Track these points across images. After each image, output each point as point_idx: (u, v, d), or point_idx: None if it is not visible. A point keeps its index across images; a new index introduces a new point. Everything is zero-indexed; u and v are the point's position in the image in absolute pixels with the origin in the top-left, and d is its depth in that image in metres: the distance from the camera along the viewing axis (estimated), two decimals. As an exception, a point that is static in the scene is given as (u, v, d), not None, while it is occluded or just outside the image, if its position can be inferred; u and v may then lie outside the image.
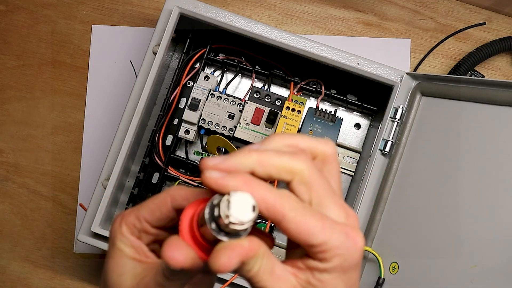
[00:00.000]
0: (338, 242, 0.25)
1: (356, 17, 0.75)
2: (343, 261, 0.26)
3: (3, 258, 0.74)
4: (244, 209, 0.24)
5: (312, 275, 0.26)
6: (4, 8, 0.77)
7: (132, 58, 0.75)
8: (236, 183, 0.24)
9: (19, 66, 0.76)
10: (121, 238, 0.29)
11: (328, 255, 0.25)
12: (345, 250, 0.26)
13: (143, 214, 0.29)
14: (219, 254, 0.24)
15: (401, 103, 0.61)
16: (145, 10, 0.76)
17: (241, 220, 0.23)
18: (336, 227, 0.25)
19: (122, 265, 0.29)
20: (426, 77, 0.60)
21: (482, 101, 0.53)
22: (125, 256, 0.29)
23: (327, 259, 0.25)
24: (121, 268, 0.29)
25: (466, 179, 0.52)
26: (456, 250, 0.50)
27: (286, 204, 0.25)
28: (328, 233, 0.25)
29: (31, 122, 0.75)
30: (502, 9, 0.74)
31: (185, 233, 0.26)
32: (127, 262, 0.29)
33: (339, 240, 0.25)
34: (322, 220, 0.25)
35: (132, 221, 0.29)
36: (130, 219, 0.29)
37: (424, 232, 0.54)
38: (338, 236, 0.25)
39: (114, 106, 0.75)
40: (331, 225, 0.25)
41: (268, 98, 0.68)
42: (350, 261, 0.26)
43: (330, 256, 0.25)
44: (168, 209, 0.28)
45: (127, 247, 0.29)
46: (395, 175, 0.59)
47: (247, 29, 0.61)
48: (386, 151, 0.61)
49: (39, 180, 0.75)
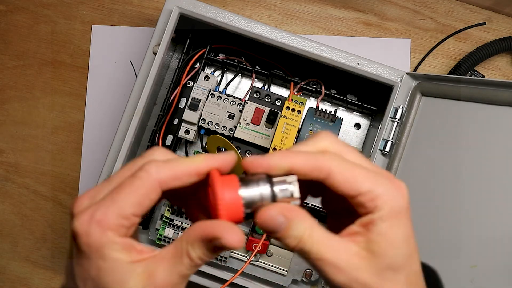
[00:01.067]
0: (384, 187, 0.27)
1: (356, 17, 0.75)
2: (393, 205, 0.27)
3: (3, 258, 0.74)
4: (297, 187, 0.28)
5: (370, 232, 0.27)
6: (4, 8, 0.77)
7: (132, 58, 0.75)
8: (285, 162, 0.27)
9: (19, 66, 0.76)
10: (111, 245, 0.26)
11: (379, 202, 0.27)
12: (392, 194, 0.27)
13: (129, 209, 0.26)
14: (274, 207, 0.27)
15: (401, 103, 0.61)
16: (145, 10, 0.76)
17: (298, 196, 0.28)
18: (379, 174, 0.28)
19: (122, 273, 0.26)
20: (426, 77, 0.60)
21: (482, 101, 0.53)
22: (122, 263, 0.26)
23: (378, 206, 0.27)
24: (122, 276, 0.26)
25: (466, 179, 0.52)
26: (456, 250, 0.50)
27: (329, 161, 0.27)
28: (374, 180, 0.27)
29: (31, 122, 0.75)
30: (502, 9, 0.74)
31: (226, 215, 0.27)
32: (126, 268, 0.26)
33: (385, 185, 0.27)
34: (366, 169, 0.28)
35: (116, 222, 0.26)
36: (112, 220, 0.26)
37: (424, 232, 0.54)
38: (383, 182, 0.28)
39: (114, 106, 0.75)
40: (374, 173, 0.28)
41: (268, 98, 0.68)
42: (400, 205, 0.27)
43: (381, 202, 0.27)
44: (158, 194, 0.27)
45: (121, 253, 0.26)
46: (395, 175, 0.59)
47: (247, 29, 0.61)
48: (386, 151, 0.61)
49: (39, 180, 0.75)
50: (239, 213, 0.27)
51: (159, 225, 0.67)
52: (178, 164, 0.28)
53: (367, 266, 0.27)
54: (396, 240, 0.27)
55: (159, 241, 0.67)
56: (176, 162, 0.28)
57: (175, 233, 0.66)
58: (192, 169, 0.28)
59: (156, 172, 0.27)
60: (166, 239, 0.66)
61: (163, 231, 0.67)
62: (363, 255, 0.27)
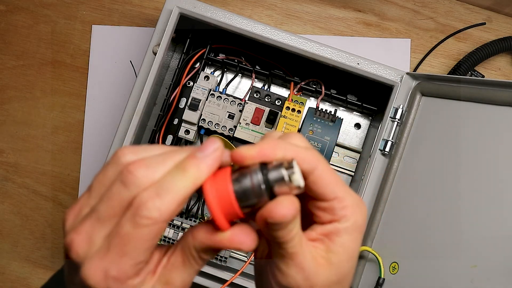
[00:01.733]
0: (354, 199, 0.28)
1: (356, 17, 0.75)
2: (357, 219, 0.28)
3: (3, 258, 0.74)
4: (300, 175, 0.26)
5: (332, 242, 0.28)
6: (4, 8, 0.77)
7: (132, 58, 0.75)
8: (279, 151, 0.27)
9: (19, 66, 0.76)
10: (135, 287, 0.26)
11: (348, 211, 0.27)
12: (359, 208, 0.28)
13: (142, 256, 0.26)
14: (282, 201, 0.26)
15: (401, 103, 0.61)
16: (145, 10, 0.76)
17: (301, 183, 0.26)
18: (351, 190, 0.28)
19: None
20: (426, 77, 0.60)
21: (482, 101, 0.53)
22: None
23: (347, 216, 0.27)
24: None
25: (466, 179, 0.52)
26: (456, 250, 0.50)
27: (317, 157, 0.27)
28: (347, 190, 0.28)
29: (31, 122, 0.75)
30: (502, 9, 0.74)
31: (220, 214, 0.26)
32: None
33: (355, 197, 0.28)
34: (343, 181, 0.28)
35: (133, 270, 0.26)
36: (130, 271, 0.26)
37: (424, 232, 0.54)
38: (353, 194, 0.28)
39: (114, 106, 0.75)
40: (348, 188, 0.28)
41: (268, 98, 0.68)
42: (362, 220, 0.28)
43: (349, 213, 0.27)
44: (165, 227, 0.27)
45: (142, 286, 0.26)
46: (395, 175, 0.59)
47: (247, 29, 0.61)
48: (386, 151, 0.61)
49: (39, 180, 0.75)
50: (233, 209, 0.26)
51: (159, 225, 0.67)
52: (176, 190, 0.25)
53: (323, 275, 0.27)
54: (353, 254, 0.28)
55: (159, 241, 0.67)
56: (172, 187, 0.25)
57: (175, 233, 0.66)
58: (192, 189, 0.26)
59: (160, 215, 0.25)
60: (166, 239, 0.66)
61: (163, 231, 0.67)
62: (321, 263, 0.27)
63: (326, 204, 0.28)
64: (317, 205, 0.28)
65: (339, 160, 0.70)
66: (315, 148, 0.29)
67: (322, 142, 0.65)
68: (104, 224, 0.26)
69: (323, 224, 0.28)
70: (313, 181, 0.27)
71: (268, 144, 0.27)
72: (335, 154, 0.69)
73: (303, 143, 0.28)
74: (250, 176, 0.26)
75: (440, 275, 0.50)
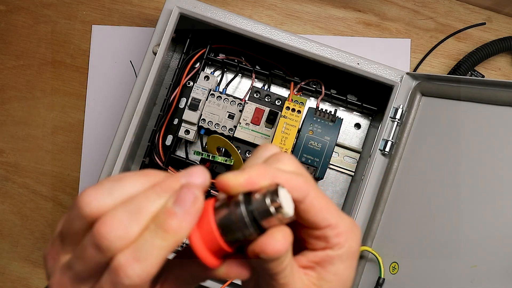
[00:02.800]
0: (348, 225, 0.26)
1: (356, 17, 0.75)
2: (351, 245, 0.26)
3: (3, 258, 0.74)
4: (289, 203, 0.24)
5: (325, 270, 0.26)
6: (4, 8, 0.77)
7: (132, 58, 0.75)
8: (267, 179, 0.25)
9: (19, 66, 0.76)
10: None
11: (341, 239, 0.26)
12: (353, 234, 0.27)
13: None
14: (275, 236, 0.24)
15: (401, 103, 0.61)
16: (145, 10, 0.76)
17: (290, 213, 0.24)
18: (344, 214, 0.27)
19: None
20: (426, 77, 0.60)
21: (482, 101, 0.53)
22: None
23: (340, 244, 0.26)
24: None
25: (466, 179, 0.52)
26: (456, 250, 0.50)
27: (309, 184, 0.26)
28: (341, 216, 0.26)
29: (31, 122, 0.75)
30: (502, 9, 0.74)
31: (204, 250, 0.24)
32: None
33: (349, 223, 0.26)
34: (332, 203, 0.27)
35: None
36: None
37: (424, 232, 0.54)
38: (347, 219, 0.27)
39: (114, 106, 0.75)
40: (341, 212, 0.27)
41: (268, 98, 0.68)
42: (356, 245, 0.27)
43: (343, 240, 0.26)
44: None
45: None
46: (395, 175, 0.59)
47: (247, 29, 0.61)
48: (386, 151, 0.61)
49: (39, 180, 0.75)
50: (220, 246, 0.24)
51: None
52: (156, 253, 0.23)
53: None
54: (347, 282, 0.27)
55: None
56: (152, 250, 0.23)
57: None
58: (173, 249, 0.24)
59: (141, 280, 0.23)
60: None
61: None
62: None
63: (318, 232, 0.26)
64: (309, 233, 0.27)
65: (339, 160, 0.70)
66: (306, 170, 0.27)
67: (322, 142, 0.65)
68: (84, 283, 0.24)
69: (315, 251, 0.27)
70: (304, 210, 0.26)
71: (257, 171, 0.25)
72: (335, 154, 0.69)
73: (293, 167, 0.27)
74: (234, 209, 0.24)
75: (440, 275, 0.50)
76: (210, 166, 0.67)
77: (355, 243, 0.27)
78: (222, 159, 0.66)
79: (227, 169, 0.68)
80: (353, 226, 0.27)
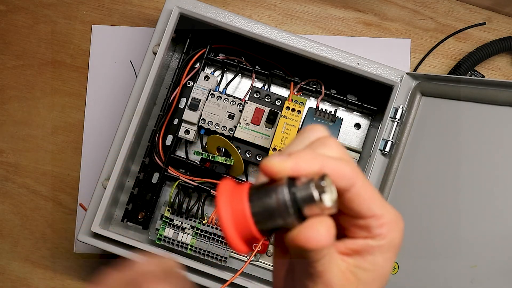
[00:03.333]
0: (392, 216, 0.25)
1: (356, 17, 0.75)
2: (394, 237, 0.26)
3: (3, 258, 0.74)
4: (334, 191, 0.24)
5: (363, 259, 0.25)
6: (4, 8, 0.77)
7: (132, 58, 0.75)
8: (316, 167, 0.24)
9: (19, 66, 0.76)
10: None
11: (384, 230, 0.25)
12: (396, 226, 0.26)
13: None
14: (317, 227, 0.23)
15: (401, 103, 0.61)
16: (145, 10, 0.76)
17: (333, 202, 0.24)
18: (389, 205, 0.26)
19: None
20: (426, 77, 0.60)
21: (482, 101, 0.53)
22: None
23: (383, 235, 0.25)
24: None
25: (466, 179, 0.52)
26: (456, 250, 0.50)
27: (356, 173, 0.25)
28: (386, 206, 0.25)
29: (31, 122, 0.75)
30: (502, 9, 0.74)
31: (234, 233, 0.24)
32: None
33: (394, 215, 0.26)
34: (378, 192, 0.26)
35: None
36: None
37: (424, 232, 0.54)
38: (391, 210, 0.26)
39: (114, 106, 0.75)
40: (386, 203, 0.26)
41: (268, 98, 0.68)
42: (398, 238, 0.26)
43: (386, 231, 0.25)
44: None
45: None
46: (395, 175, 0.59)
47: (247, 29, 0.61)
48: (386, 151, 0.61)
49: (39, 180, 0.75)
50: (248, 229, 0.24)
51: (159, 225, 0.67)
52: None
53: None
54: (384, 274, 0.26)
55: (159, 241, 0.67)
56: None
57: (175, 233, 0.66)
58: None
59: None
60: (166, 239, 0.66)
61: (163, 231, 0.67)
62: (349, 278, 0.25)
63: (361, 222, 0.25)
64: (351, 222, 0.26)
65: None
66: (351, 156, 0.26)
67: (322, 142, 0.65)
68: None
69: (355, 239, 0.26)
70: (350, 199, 0.25)
71: (305, 158, 0.24)
72: (335, 154, 0.69)
73: (340, 154, 0.26)
74: (276, 194, 0.23)
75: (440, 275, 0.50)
76: (210, 166, 0.67)
77: (397, 235, 0.26)
78: (222, 159, 0.66)
79: (227, 169, 0.68)
80: (397, 218, 0.26)
